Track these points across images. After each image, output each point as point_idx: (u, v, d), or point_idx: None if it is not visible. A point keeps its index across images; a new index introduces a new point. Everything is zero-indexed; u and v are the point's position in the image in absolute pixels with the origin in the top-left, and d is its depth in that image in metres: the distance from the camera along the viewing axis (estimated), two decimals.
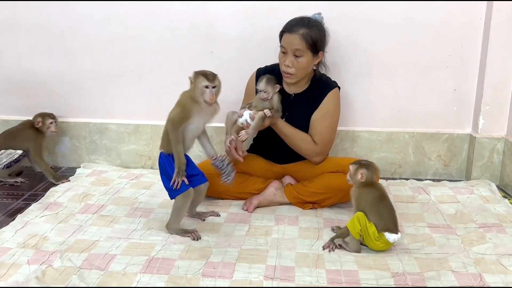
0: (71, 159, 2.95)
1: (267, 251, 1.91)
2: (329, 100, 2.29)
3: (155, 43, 2.76)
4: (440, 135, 2.78)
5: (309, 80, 2.34)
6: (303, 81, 2.33)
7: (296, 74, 2.24)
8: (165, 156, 2.01)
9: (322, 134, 2.30)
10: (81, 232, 2.04)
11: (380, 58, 2.71)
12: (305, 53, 2.20)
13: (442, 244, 1.98)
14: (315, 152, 2.31)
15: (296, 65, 2.22)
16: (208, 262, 1.82)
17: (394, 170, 2.83)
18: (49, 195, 2.43)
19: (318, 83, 2.33)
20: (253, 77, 2.41)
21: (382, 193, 1.94)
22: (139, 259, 1.83)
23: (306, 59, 2.21)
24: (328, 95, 2.29)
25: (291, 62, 2.21)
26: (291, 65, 2.22)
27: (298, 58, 2.21)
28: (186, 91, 1.98)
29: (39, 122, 2.68)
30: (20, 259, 1.81)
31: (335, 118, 2.34)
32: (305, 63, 2.22)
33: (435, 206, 2.37)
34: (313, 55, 2.23)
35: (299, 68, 2.22)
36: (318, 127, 2.29)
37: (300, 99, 2.33)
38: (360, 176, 1.94)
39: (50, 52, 2.83)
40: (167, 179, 2.00)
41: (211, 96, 1.90)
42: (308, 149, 2.31)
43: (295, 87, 2.35)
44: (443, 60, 2.70)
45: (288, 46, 2.21)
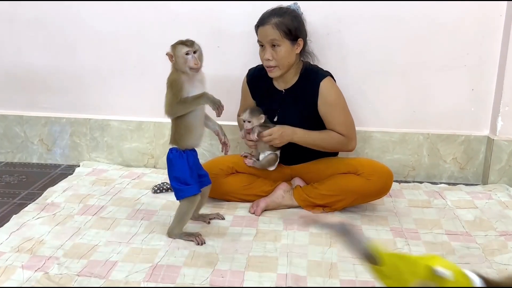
0: (71, 156, 2.86)
1: (277, 259, 1.81)
2: (326, 91, 2.20)
3: (158, 37, 2.66)
4: (456, 136, 2.68)
5: (297, 72, 2.25)
6: (290, 74, 2.25)
7: (278, 65, 2.17)
8: (177, 152, 1.91)
9: (341, 122, 2.23)
10: (80, 235, 1.94)
11: (394, 55, 2.60)
12: (281, 42, 2.13)
13: (463, 254, 1.88)
14: (346, 141, 2.24)
15: (276, 56, 2.15)
16: (216, 270, 1.73)
17: (408, 172, 2.73)
18: (47, 195, 2.33)
19: (308, 75, 2.25)
20: (245, 79, 2.38)
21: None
22: (142, 266, 1.73)
23: (284, 48, 2.14)
24: (321, 86, 2.19)
25: (270, 54, 2.15)
26: (271, 58, 2.16)
27: (276, 48, 2.14)
28: (167, 77, 1.90)
29: None
30: (13, 264, 1.71)
31: (342, 103, 2.25)
32: (284, 52, 2.15)
33: (452, 211, 2.27)
34: (291, 43, 2.16)
35: (280, 58, 2.15)
36: (332, 120, 2.22)
37: (291, 94, 2.26)
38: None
39: (51, 46, 2.74)
40: (176, 177, 1.91)
41: (194, 61, 1.83)
42: (340, 142, 2.23)
43: (284, 83, 2.27)
44: (460, 58, 2.59)
45: (263, 39, 2.16)
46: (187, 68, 1.84)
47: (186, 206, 1.92)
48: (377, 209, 2.27)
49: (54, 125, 2.83)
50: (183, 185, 1.90)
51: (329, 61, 2.43)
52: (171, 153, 1.93)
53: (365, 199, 2.23)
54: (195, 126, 1.92)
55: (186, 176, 1.90)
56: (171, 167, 1.93)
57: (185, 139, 1.91)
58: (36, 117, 2.83)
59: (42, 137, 2.85)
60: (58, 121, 2.82)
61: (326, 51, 2.44)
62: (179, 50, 1.83)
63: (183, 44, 1.84)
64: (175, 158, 1.91)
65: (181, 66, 1.85)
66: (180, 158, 1.90)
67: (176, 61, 1.85)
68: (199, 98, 1.85)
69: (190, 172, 1.91)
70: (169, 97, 1.86)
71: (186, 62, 1.83)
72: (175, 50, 1.85)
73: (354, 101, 2.60)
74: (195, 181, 1.93)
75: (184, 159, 1.90)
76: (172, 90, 1.85)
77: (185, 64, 1.84)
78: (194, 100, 1.85)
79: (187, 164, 1.91)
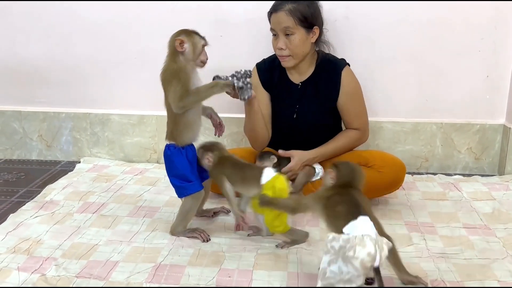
0: (71, 152, 2.78)
1: (287, 256, 1.72)
2: (348, 80, 2.13)
3: (159, 26, 2.57)
4: (471, 125, 2.59)
5: (312, 63, 2.16)
6: (305, 65, 2.15)
7: (292, 55, 2.07)
8: (175, 148, 1.82)
9: (358, 116, 2.19)
10: (79, 234, 1.86)
11: (404, 42, 2.51)
12: (296, 29, 2.02)
13: (482, 248, 1.79)
14: (362, 135, 2.23)
15: (289, 45, 2.05)
16: (222, 269, 1.64)
17: (420, 164, 2.63)
18: (46, 192, 2.25)
19: (325, 65, 2.15)
20: (255, 73, 2.24)
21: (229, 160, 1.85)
22: (144, 266, 1.65)
23: (299, 36, 2.04)
24: (343, 76, 2.12)
25: (284, 43, 2.05)
26: (284, 47, 2.05)
27: (290, 37, 2.04)
28: (165, 68, 1.78)
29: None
30: (9, 266, 1.62)
31: (360, 93, 2.21)
32: (298, 40, 2.04)
33: (469, 204, 2.17)
34: (306, 31, 2.05)
35: (293, 47, 2.05)
36: (351, 112, 2.17)
37: (308, 86, 2.16)
38: (207, 161, 1.85)
39: (46, 38, 2.66)
40: (177, 175, 1.82)
41: (207, 56, 1.80)
42: (358, 139, 2.22)
43: (299, 74, 2.17)
44: (474, 44, 2.49)
45: (276, 26, 2.05)
46: (199, 61, 1.78)
47: (189, 203, 1.83)
48: (390, 203, 2.17)
49: (53, 120, 2.75)
50: (185, 182, 1.81)
51: (336, 49, 2.32)
52: (168, 150, 1.83)
53: (377, 193, 2.13)
54: (195, 121, 1.83)
55: (187, 172, 1.81)
56: (170, 164, 1.84)
57: (184, 135, 1.82)
58: (35, 112, 2.75)
59: (41, 133, 2.77)
60: (57, 116, 2.74)
61: (333, 38, 2.33)
62: (198, 41, 1.77)
63: (199, 36, 1.78)
64: (173, 155, 1.81)
65: (193, 57, 1.77)
66: (179, 155, 1.81)
67: (191, 50, 1.76)
68: (213, 87, 1.75)
69: (191, 168, 1.82)
70: (177, 89, 1.73)
71: (201, 54, 1.77)
72: (193, 39, 1.76)
73: (364, 90, 2.48)
74: (196, 177, 1.84)
75: (183, 155, 1.81)
76: (181, 81, 1.73)
77: (199, 56, 1.77)
78: (208, 89, 1.75)
79: (187, 160, 1.82)
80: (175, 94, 1.74)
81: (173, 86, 1.74)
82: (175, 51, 1.75)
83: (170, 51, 1.78)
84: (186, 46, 1.75)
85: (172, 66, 1.77)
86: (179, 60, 1.76)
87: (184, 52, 1.75)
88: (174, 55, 1.77)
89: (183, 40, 1.74)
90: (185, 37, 1.75)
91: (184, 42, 1.74)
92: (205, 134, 2.63)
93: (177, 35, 1.76)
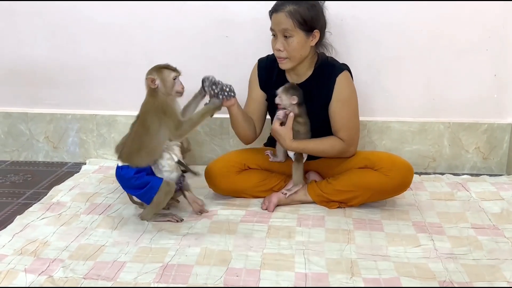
0: (78, 154, 2.78)
1: (293, 256, 1.72)
2: (341, 86, 2.06)
3: (165, 27, 2.57)
4: (479, 125, 2.56)
5: (311, 66, 2.12)
6: (304, 67, 2.11)
7: (289, 57, 2.04)
8: (128, 168, 1.91)
9: (347, 127, 2.09)
10: (86, 235, 1.86)
11: (410, 40, 2.49)
12: (294, 32, 1.98)
13: (491, 249, 1.77)
14: (347, 149, 2.12)
15: (287, 47, 2.01)
16: (229, 268, 1.64)
17: (428, 164, 2.61)
18: (52, 194, 2.25)
19: (324, 68, 2.10)
20: (255, 70, 2.23)
21: None
22: (152, 267, 1.65)
23: (297, 39, 1.99)
24: (337, 81, 2.06)
25: (282, 44, 2.01)
26: (282, 48, 2.02)
27: (288, 39, 2.00)
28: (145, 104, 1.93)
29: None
30: (16, 267, 1.62)
31: (354, 103, 2.12)
32: (297, 43, 2.00)
33: (477, 204, 2.15)
34: (306, 34, 2.00)
35: (291, 50, 2.01)
36: (339, 121, 2.09)
37: (305, 88, 2.10)
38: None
39: (53, 39, 2.65)
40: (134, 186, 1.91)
41: (181, 85, 1.92)
42: (340, 151, 2.11)
43: (297, 76, 2.14)
44: (482, 42, 2.47)
45: (276, 27, 2.01)
46: (174, 92, 1.90)
47: (162, 196, 1.91)
48: (397, 203, 2.16)
49: (59, 121, 2.75)
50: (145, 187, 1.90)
51: (343, 48, 2.32)
52: (122, 170, 1.92)
53: (383, 196, 2.11)
54: (158, 149, 1.92)
55: (143, 180, 1.90)
56: (124, 182, 1.94)
57: (143, 160, 1.92)
58: (41, 114, 2.75)
59: (48, 134, 2.77)
60: (64, 118, 2.74)
61: (340, 38, 2.33)
62: (168, 75, 1.89)
63: (169, 69, 1.90)
64: (127, 174, 1.91)
65: (167, 90, 1.90)
66: (131, 172, 1.91)
67: (163, 85, 1.89)
68: (204, 114, 1.94)
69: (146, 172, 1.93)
70: (170, 124, 1.88)
71: (174, 86, 1.90)
72: (162, 74, 1.89)
73: (370, 90, 2.50)
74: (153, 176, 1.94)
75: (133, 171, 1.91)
76: (171, 116, 1.88)
77: (173, 88, 1.90)
78: (200, 117, 1.94)
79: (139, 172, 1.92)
80: (170, 126, 1.89)
81: (164, 121, 1.88)
82: (151, 88, 1.89)
83: (147, 89, 1.92)
84: (157, 82, 1.88)
85: (155, 103, 1.89)
86: (158, 95, 1.90)
87: (158, 88, 1.89)
88: (152, 92, 1.90)
89: (153, 78, 1.88)
90: (155, 74, 1.89)
91: (155, 79, 1.88)
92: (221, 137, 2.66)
93: (149, 74, 1.90)
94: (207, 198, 2.21)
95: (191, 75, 1.99)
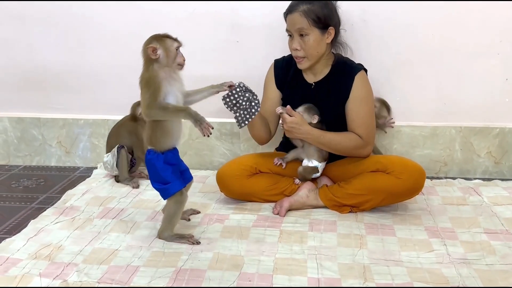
0: (89, 158, 2.80)
1: (305, 261, 1.72)
2: (359, 86, 2.10)
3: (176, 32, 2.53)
4: (490, 129, 2.55)
5: (328, 64, 2.15)
6: (321, 65, 2.15)
7: (307, 56, 2.08)
8: (155, 153, 1.81)
9: (364, 125, 2.11)
10: (99, 240, 1.87)
11: (421, 44, 2.49)
12: (310, 30, 2.03)
13: (504, 254, 1.76)
14: (363, 146, 2.13)
15: (304, 45, 2.05)
16: (242, 273, 1.65)
17: (439, 168, 2.60)
18: (66, 198, 2.27)
19: (340, 67, 2.14)
20: (271, 69, 2.26)
21: None
22: (165, 271, 1.65)
23: (313, 37, 2.04)
24: (356, 81, 2.09)
25: (299, 44, 2.06)
26: (299, 47, 2.06)
27: (304, 38, 2.04)
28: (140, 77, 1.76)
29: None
30: (31, 272, 1.64)
31: (371, 102, 2.15)
32: (313, 41, 2.04)
33: (490, 208, 2.14)
34: (321, 32, 2.05)
35: (308, 48, 2.05)
36: (357, 118, 2.11)
37: (322, 87, 2.15)
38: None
39: (64, 44, 2.68)
40: (157, 178, 1.83)
41: (183, 57, 1.76)
42: (357, 146, 2.12)
43: (313, 75, 2.17)
44: (493, 46, 2.46)
45: (291, 27, 2.06)
46: (175, 64, 1.76)
47: (173, 207, 1.84)
48: (409, 208, 2.15)
49: (72, 126, 2.77)
50: (165, 185, 1.82)
51: (354, 52, 2.32)
52: (149, 154, 1.83)
53: (395, 199, 2.11)
54: (173, 129, 1.81)
55: (167, 175, 1.81)
56: (151, 168, 1.84)
57: (162, 142, 1.80)
58: (54, 119, 2.78)
59: (60, 139, 2.80)
60: (76, 123, 2.76)
61: (350, 41, 2.32)
62: (171, 44, 1.74)
63: (172, 38, 1.75)
64: (153, 159, 1.81)
65: (169, 61, 1.74)
66: (159, 160, 1.81)
67: (165, 55, 1.73)
68: (180, 112, 1.73)
69: (172, 170, 1.83)
70: (146, 97, 1.71)
71: (176, 57, 1.75)
72: (165, 43, 1.73)
73: (381, 94, 2.50)
74: (177, 177, 1.84)
75: (161, 160, 1.81)
76: (150, 90, 1.71)
77: (175, 60, 1.75)
78: (175, 111, 1.74)
79: (167, 164, 1.82)
80: (143, 102, 1.73)
81: (143, 93, 1.73)
82: (149, 59, 1.73)
83: (144, 59, 1.76)
84: (160, 52, 1.73)
85: (145, 73, 1.75)
86: (152, 67, 1.73)
87: (158, 59, 1.73)
88: (148, 63, 1.75)
89: (155, 47, 1.72)
90: (156, 43, 1.73)
91: (156, 48, 1.72)
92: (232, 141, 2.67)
93: (149, 43, 1.74)
94: (218, 202, 2.22)
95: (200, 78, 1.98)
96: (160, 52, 1.73)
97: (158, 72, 1.73)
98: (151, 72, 1.73)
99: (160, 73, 1.73)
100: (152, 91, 1.70)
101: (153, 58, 1.72)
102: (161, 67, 1.74)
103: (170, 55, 1.74)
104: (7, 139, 2.82)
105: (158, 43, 1.73)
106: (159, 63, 1.74)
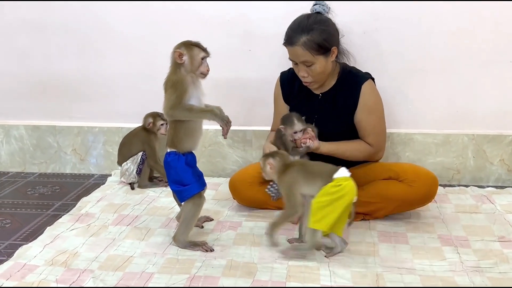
0: (104, 166, 2.84)
1: (318, 269, 1.73)
2: (367, 95, 2.09)
3: None
4: (503, 137, 2.54)
5: (334, 75, 2.15)
6: (328, 79, 2.16)
7: (315, 80, 2.08)
8: (175, 155, 1.84)
9: (374, 133, 2.12)
10: (114, 246, 1.90)
11: (434, 52, 2.49)
12: (315, 59, 2.00)
13: None
14: (374, 153, 2.15)
15: (311, 73, 2.05)
16: (255, 280, 1.66)
17: (452, 176, 2.59)
18: (81, 205, 2.30)
19: (347, 77, 2.14)
20: (277, 84, 2.27)
21: (300, 161, 1.93)
22: (180, 278, 1.67)
23: (319, 65, 2.02)
24: (363, 90, 2.08)
25: (305, 72, 2.05)
26: (306, 75, 2.06)
27: (311, 67, 2.03)
28: (166, 78, 1.82)
29: (150, 123, 2.54)
30: (48, 278, 1.67)
31: (380, 110, 2.15)
32: (319, 68, 2.03)
33: (503, 216, 2.13)
34: (325, 56, 2.03)
35: (316, 74, 2.05)
36: (367, 127, 2.11)
37: (329, 98, 2.15)
38: (269, 167, 1.83)
39: (80, 53, 2.72)
40: (176, 180, 1.85)
41: (208, 68, 1.80)
42: (367, 155, 2.13)
43: (320, 88, 2.17)
44: (506, 53, 2.46)
45: (295, 58, 2.05)
46: (198, 72, 1.80)
47: (191, 210, 1.86)
48: (422, 216, 2.15)
49: (87, 134, 2.81)
50: (184, 186, 1.84)
51: (366, 60, 2.34)
52: (168, 157, 1.85)
53: (408, 207, 2.11)
54: (196, 130, 1.85)
55: (187, 176, 1.83)
56: (169, 170, 1.86)
57: (184, 143, 1.83)
58: (69, 127, 2.82)
59: (75, 147, 2.83)
60: (91, 131, 2.80)
61: (362, 50, 2.35)
62: (197, 53, 1.79)
63: (199, 48, 1.80)
64: (174, 161, 1.84)
65: (192, 69, 1.79)
66: (178, 161, 1.83)
67: (189, 62, 1.78)
68: (206, 112, 1.79)
69: (192, 172, 1.85)
70: (172, 98, 1.77)
71: (200, 66, 1.79)
72: (192, 51, 1.78)
73: (393, 102, 2.50)
74: (196, 180, 1.86)
75: (183, 162, 1.83)
76: (177, 91, 1.76)
77: (199, 68, 1.79)
78: (201, 112, 1.80)
79: (187, 166, 1.84)
80: (168, 102, 1.78)
81: (169, 94, 1.78)
82: (176, 62, 1.79)
83: (172, 62, 1.81)
84: (185, 58, 1.78)
85: (173, 76, 1.79)
86: (180, 71, 1.79)
87: (183, 64, 1.78)
88: (176, 66, 1.80)
89: (182, 53, 1.77)
90: (184, 49, 1.78)
91: (183, 54, 1.77)
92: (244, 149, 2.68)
93: (178, 47, 1.79)
94: (231, 209, 2.24)
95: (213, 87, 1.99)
96: (186, 58, 1.78)
97: (185, 76, 1.78)
98: (179, 75, 1.78)
99: (187, 77, 1.79)
100: (179, 93, 1.76)
101: (179, 63, 1.78)
102: (187, 72, 1.79)
103: (194, 63, 1.79)
104: (23, 147, 2.87)
105: (186, 49, 1.78)
106: (184, 68, 1.79)
